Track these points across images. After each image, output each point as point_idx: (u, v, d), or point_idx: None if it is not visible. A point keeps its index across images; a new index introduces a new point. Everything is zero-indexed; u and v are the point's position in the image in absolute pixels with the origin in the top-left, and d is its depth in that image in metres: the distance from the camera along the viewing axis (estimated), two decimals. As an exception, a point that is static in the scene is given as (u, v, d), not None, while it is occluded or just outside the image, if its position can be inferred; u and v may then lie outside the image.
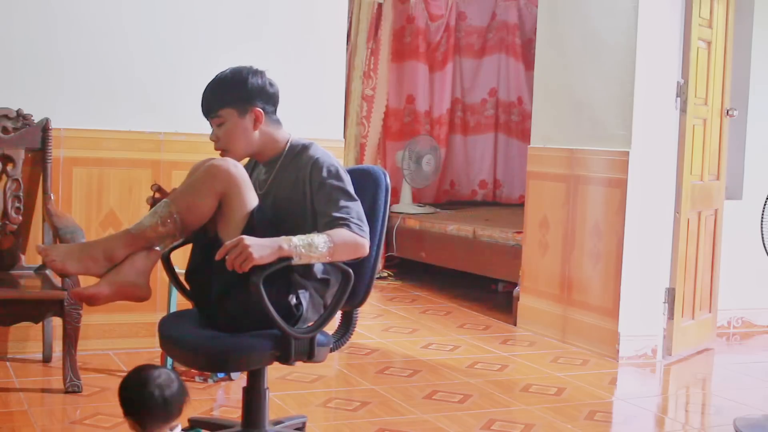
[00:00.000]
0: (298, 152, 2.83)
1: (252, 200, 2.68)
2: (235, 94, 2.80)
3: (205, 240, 2.71)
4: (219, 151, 2.84)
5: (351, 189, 2.76)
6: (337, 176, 2.75)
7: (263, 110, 2.81)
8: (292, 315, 2.68)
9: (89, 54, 4.31)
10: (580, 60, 5.01)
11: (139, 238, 2.65)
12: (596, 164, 4.85)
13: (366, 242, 2.71)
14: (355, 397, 3.85)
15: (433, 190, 7.67)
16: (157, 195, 2.76)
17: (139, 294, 2.67)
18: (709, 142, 4.93)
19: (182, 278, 2.89)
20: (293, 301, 2.69)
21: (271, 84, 2.86)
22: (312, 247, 2.59)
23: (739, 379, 4.55)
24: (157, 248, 2.69)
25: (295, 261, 2.58)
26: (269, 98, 2.84)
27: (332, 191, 2.72)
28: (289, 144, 2.87)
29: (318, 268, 2.74)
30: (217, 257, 2.54)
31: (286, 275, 2.66)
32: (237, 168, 2.68)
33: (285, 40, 4.67)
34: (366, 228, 2.72)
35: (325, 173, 2.74)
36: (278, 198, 2.78)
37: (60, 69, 4.26)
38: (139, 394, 2.32)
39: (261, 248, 2.53)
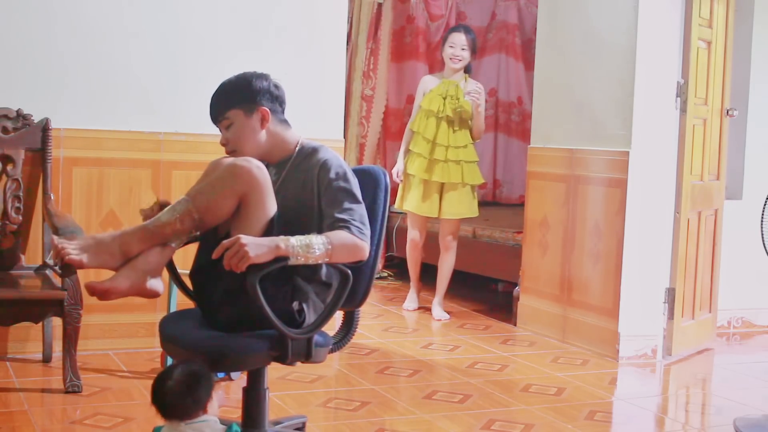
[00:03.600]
0: (309, 154, 2.84)
1: (272, 206, 2.67)
2: (240, 95, 2.82)
3: (214, 239, 2.69)
4: (229, 154, 2.84)
5: (357, 192, 2.76)
6: (345, 178, 2.75)
7: (270, 110, 2.83)
8: (295, 321, 2.68)
9: (89, 54, 4.31)
10: (580, 60, 5.01)
11: (156, 235, 2.65)
12: (596, 164, 4.85)
13: (366, 246, 2.70)
14: (355, 397, 3.85)
15: (433, 190, 7.64)
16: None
17: (152, 292, 2.67)
18: (709, 142, 4.94)
19: (185, 277, 2.90)
20: (296, 307, 2.69)
21: (276, 86, 2.88)
22: (310, 247, 2.58)
23: (739, 379, 4.55)
24: (172, 245, 2.69)
25: (292, 261, 2.57)
26: (275, 99, 2.86)
27: (338, 192, 2.73)
28: (299, 146, 2.88)
29: (322, 272, 2.74)
30: (214, 256, 2.54)
31: (289, 279, 2.66)
32: (260, 170, 2.66)
33: (285, 39, 4.67)
34: (367, 231, 2.72)
35: (333, 174, 2.75)
36: (287, 199, 2.78)
37: (60, 69, 4.27)
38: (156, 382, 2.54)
39: (258, 247, 2.53)
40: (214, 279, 2.68)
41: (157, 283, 2.68)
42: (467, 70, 5.62)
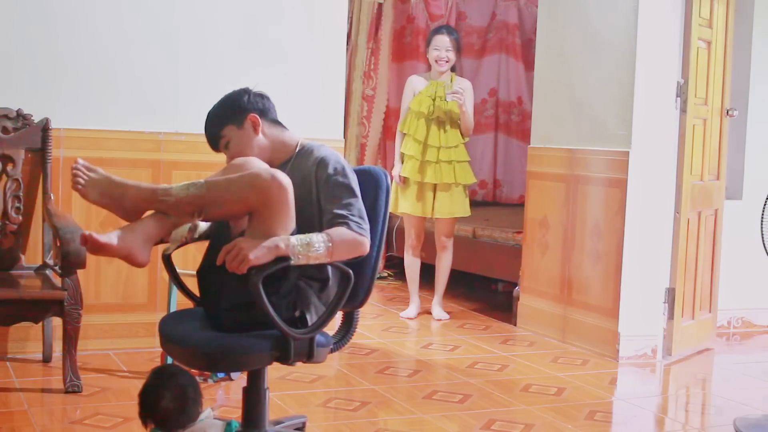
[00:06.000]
0: (308, 153, 2.86)
1: (288, 225, 2.61)
2: (227, 112, 2.88)
3: (224, 239, 2.68)
4: None
5: (356, 186, 2.77)
6: (343, 173, 2.77)
7: (258, 115, 2.87)
8: (297, 326, 2.68)
9: (89, 54, 4.31)
10: (580, 60, 5.01)
11: (160, 202, 2.66)
12: (596, 164, 4.85)
13: (366, 240, 2.71)
14: (355, 397, 3.85)
15: (433, 190, 7.63)
16: None
17: (140, 260, 2.67)
18: (709, 142, 4.94)
19: (185, 277, 2.90)
20: (298, 314, 2.69)
21: (260, 95, 2.93)
22: (310, 246, 2.58)
23: (739, 379, 4.56)
24: (170, 218, 2.69)
25: (293, 261, 2.57)
26: (262, 105, 2.91)
27: (336, 187, 2.74)
28: (299, 146, 2.91)
29: (323, 272, 2.74)
30: (218, 262, 2.55)
31: (291, 280, 2.66)
32: (281, 190, 2.59)
33: (285, 39, 4.67)
34: (366, 226, 2.72)
35: (331, 170, 2.76)
36: None
37: (60, 69, 4.27)
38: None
39: (257, 249, 2.53)
40: (219, 279, 2.68)
41: (146, 255, 2.67)
42: (453, 69, 5.61)
